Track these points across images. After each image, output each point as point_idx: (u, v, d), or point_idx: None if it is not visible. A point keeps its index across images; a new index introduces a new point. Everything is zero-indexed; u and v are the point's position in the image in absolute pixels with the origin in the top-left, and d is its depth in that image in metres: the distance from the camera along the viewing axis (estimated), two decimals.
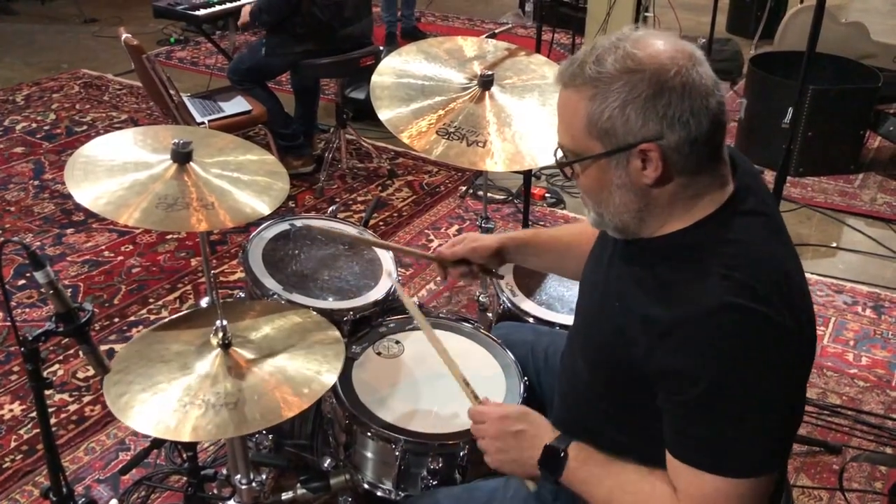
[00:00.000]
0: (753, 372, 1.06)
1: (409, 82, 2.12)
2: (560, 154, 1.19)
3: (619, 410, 1.23)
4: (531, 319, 1.95)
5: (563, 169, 1.19)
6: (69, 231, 3.38)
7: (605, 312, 1.23)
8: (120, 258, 3.20)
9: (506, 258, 1.64)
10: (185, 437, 1.31)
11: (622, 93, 1.08)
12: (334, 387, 1.56)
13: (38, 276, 1.18)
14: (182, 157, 1.72)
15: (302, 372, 1.44)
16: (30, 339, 1.22)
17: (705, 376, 1.06)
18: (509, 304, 2.00)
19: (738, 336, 1.05)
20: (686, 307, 1.07)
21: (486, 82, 2.08)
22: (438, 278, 3.09)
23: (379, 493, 1.61)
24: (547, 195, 3.69)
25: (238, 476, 1.64)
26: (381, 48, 3.96)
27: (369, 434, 1.58)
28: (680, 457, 1.12)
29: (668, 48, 1.10)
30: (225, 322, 1.44)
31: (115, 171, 1.71)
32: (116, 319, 2.83)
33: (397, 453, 1.55)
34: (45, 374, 1.34)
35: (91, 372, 2.57)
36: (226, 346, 1.44)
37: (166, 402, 1.36)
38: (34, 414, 2.37)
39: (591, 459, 1.23)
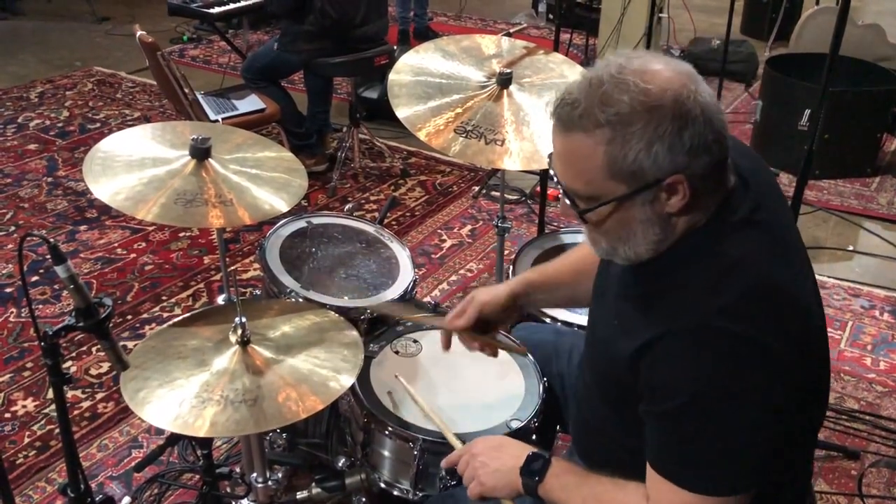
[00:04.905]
0: (731, 394, 1.04)
1: (426, 80, 2.11)
2: (568, 200, 1.12)
3: (625, 419, 1.22)
4: (548, 320, 1.93)
5: (582, 216, 1.12)
6: (82, 228, 3.38)
7: (605, 330, 1.24)
8: (133, 255, 3.20)
9: (519, 305, 1.55)
10: (203, 433, 1.29)
11: (646, 132, 1.03)
12: (353, 385, 1.55)
13: (59, 269, 1.17)
14: (201, 152, 1.71)
15: (320, 371, 1.42)
16: (50, 333, 1.21)
17: (682, 393, 1.06)
18: None
19: (718, 358, 1.04)
20: (668, 324, 1.07)
21: (504, 80, 2.07)
22: (453, 278, 3.08)
23: (395, 493, 1.60)
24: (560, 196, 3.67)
25: (254, 475, 1.63)
26: (395, 47, 3.95)
27: (387, 432, 1.57)
28: (654, 466, 1.12)
29: (671, 72, 1.06)
30: (244, 319, 1.43)
31: (133, 166, 1.71)
32: (129, 317, 2.82)
33: (415, 452, 1.53)
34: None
35: (104, 368, 2.56)
36: (244, 343, 1.43)
37: (184, 398, 1.34)
38: (47, 410, 2.38)
39: (571, 469, 1.24)
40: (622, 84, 1.04)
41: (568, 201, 1.13)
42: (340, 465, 1.69)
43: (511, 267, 2.09)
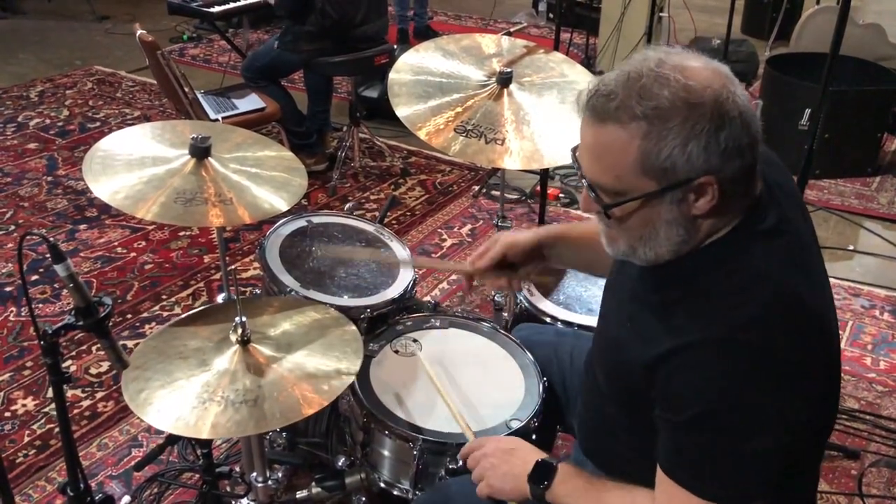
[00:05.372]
0: (752, 406, 1.04)
1: (426, 79, 2.10)
2: (593, 194, 1.10)
3: (635, 421, 1.22)
4: (548, 319, 1.93)
5: (607, 211, 1.10)
6: (82, 227, 3.38)
7: (618, 330, 1.23)
8: (133, 254, 3.19)
9: (545, 255, 1.51)
10: (205, 434, 1.29)
11: (683, 129, 1.01)
12: (352, 385, 1.55)
13: (59, 268, 1.17)
14: (200, 151, 1.71)
15: (321, 369, 1.42)
16: (49, 332, 1.21)
17: (702, 404, 1.05)
18: (527, 304, 1.98)
19: (741, 371, 1.03)
20: (690, 334, 1.06)
21: (504, 79, 2.07)
22: (453, 277, 3.07)
23: (395, 493, 1.60)
24: (560, 195, 3.67)
25: (254, 474, 1.62)
26: (395, 47, 3.95)
27: (387, 432, 1.57)
28: (667, 471, 1.11)
29: (710, 72, 1.04)
30: (244, 318, 1.42)
31: (133, 165, 1.71)
32: (129, 316, 2.82)
33: (415, 452, 1.53)
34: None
35: (104, 368, 2.56)
36: (245, 342, 1.43)
37: (185, 399, 1.34)
38: (47, 409, 2.38)
39: (577, 475, 1.24)
40: (662, 78, 1.02)
41: (593, 195, 1.10)
42: (340, 464, 1.69)
43: None
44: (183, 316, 1.60)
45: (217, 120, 3.32)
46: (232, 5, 4.19)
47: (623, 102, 1.03)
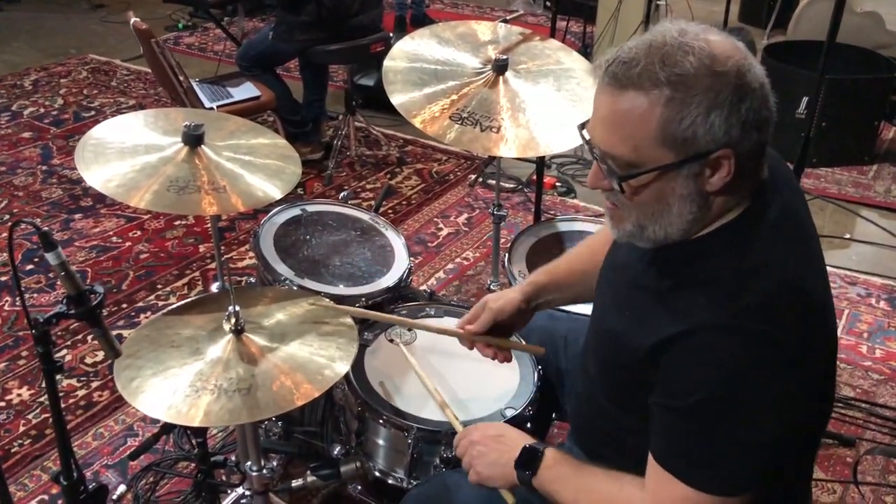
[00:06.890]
0: (750, 394, 1.03)
1: (422, 66, 2.09)
2: (605, 167, 1.06)
3: (627, 413, 1.21)
4: None
5: (621, 184, 1.06)
6: (77, 216, 3.37)
7: (616, 321, 1.21)
8: (128, 244, 3.18)
9: (532, 306, 1.50)
10: (197, 423, 1.29)
11: (707, 97, 0.98)
12: (347, 374, 1.54)
13: (50, 257, 1.16)
14: (193, 139, 1.70)
15: (315, 359, 1.42)
16: (41, 321, 1.20)
17: (701, 390, 1.04)
18: None
19: (741, 358, 1.02)
20: (693, 320, 1.04)
21: (500, 67, 2.06)
22: (449, 266, 3.07)
23: (390, 482, 1.60)
24: (557, 184, 3.66)
25: (249, 463, 1.62)
26: (391, 35, 3.93)
27: (381, 421, 1.56)
28: (658, 458, 1.10)
29: (730, 44, 1.02)
30: (238, 308, 1.42)
31: (125, 153, 1.70)
32: (124, 305, 2.82)
33: (409, 441, 1.53)
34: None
35: (99, 357, 2.55)
36: (238, 331, 1.42)
37: (178, 387, 1.34)
38: (42, 399, 2.37)
39: (565, 461, 1.22)
40: (686, 46, 1.00)
41: (605, 167, 1.07)
42: (336, 453, 1.69)
43: (507, 255, 2.08)
44: (176, 305, 1.59)
45: (212, 108, 3.31)
46: None
47: (646, 68, 1.00)
